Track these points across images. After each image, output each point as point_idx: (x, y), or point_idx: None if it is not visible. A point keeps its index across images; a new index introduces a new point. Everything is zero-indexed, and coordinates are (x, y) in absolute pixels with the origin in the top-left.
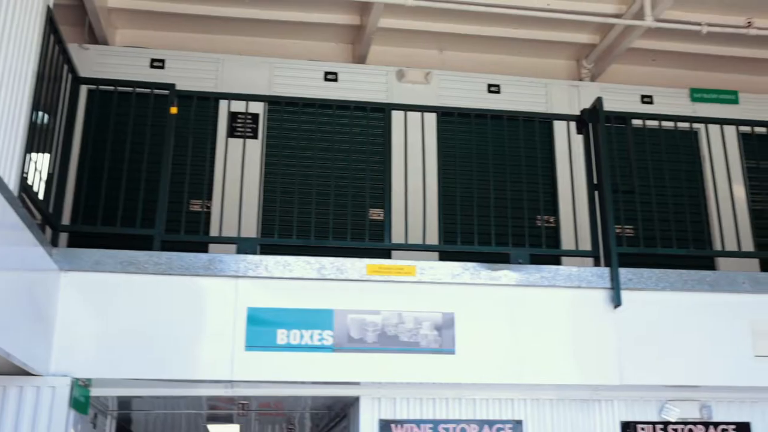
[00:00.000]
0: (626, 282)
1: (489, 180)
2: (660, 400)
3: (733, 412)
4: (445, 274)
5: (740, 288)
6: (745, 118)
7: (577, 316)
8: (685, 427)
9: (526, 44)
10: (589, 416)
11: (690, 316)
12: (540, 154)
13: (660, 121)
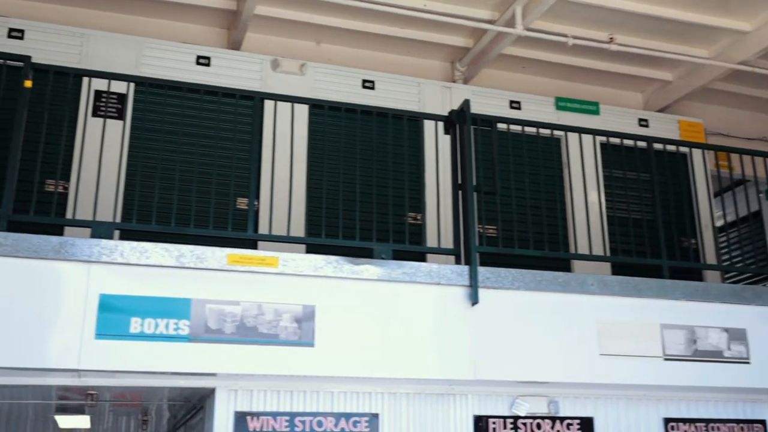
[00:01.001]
0: (484, 280)
1: (356, 175)
2: (511, 395)
3: (578, 407)
4: (308, 267)
5: (589, 289)
6: (605, 128)
7: (436, 312)
8: (533, 422)
9: (402, 43)
10: (444, 410)
11: (542, 315)
12: (409, 152)
13: (523, 127)
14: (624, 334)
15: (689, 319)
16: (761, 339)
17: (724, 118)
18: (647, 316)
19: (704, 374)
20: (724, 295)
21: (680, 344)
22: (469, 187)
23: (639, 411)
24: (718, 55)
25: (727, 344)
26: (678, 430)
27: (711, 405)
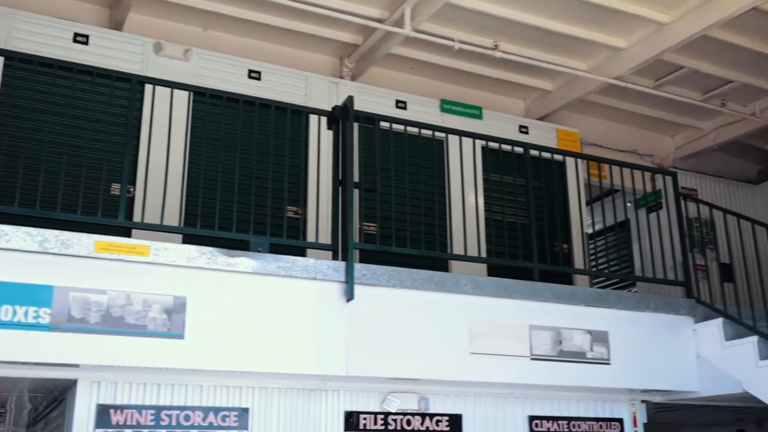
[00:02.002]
0: (360, 277)
1: (236, 165)
2: (383, 392)
3: (447, 404)
4: (180, 257)
5: (463, 289)
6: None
7: (311, 307)
8: (403, 418)
9: (291, 35)
10: (315, 405)
11: (416, 313)
12: (292, 145)
13: (406, 126)
14: (494, 334)
15: (556, 320)
16: (621, 341)
17: (599, 129)
18: (517, 316)
19: (568, 374)
20: (589, 299)
21: (547, 345)
22: (349, 184)
23: (506, 408)
24: (595, 69)
25: (590, 346)
26: (542, 427)
27: (573, 403)
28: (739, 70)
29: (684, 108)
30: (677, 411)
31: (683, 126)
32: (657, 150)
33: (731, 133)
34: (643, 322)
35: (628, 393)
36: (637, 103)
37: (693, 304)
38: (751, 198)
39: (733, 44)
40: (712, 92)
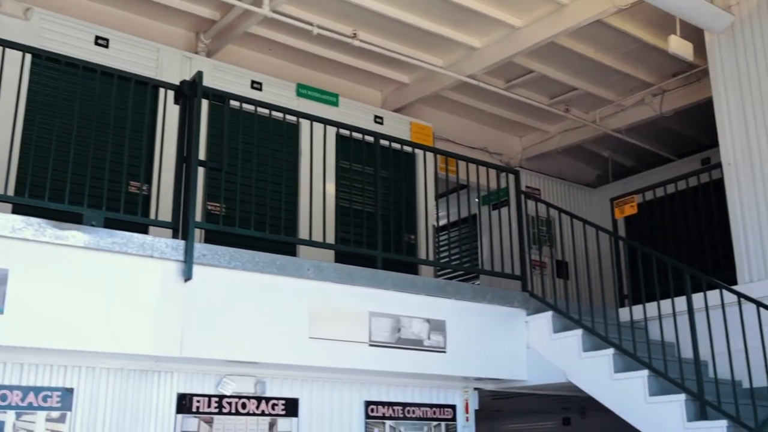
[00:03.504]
0: (200, 257)
1: (72, 135)
2: (219, 374)
3: (285, 388)
4: (4, 227)
5: (305, 274)
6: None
7: (146, 285)
8: (239, 401)
9: (145, 4)
10: (146, 387)
11: (256, 296)
12: (137, 118)
13: (256, 107)
14: (334, 320)
15: (396, 308)
16: (458, 330)
17: (452, 125)
18: (358, 303)
19: (405, 361)
20: (429, 288)
21: (386, 332)
22: (193, 161)
23: (343, 393)
24: (451, 66)
25: (427, 334)
26: (377, 412)
27: (409, 390)
28: (583, 78)
29: (532, 111)
30: (509, 399)
31: (530, 128)
32: (505, 149)
33: (574, 138)
34: (480, 313)
35: (462, 381)
36: (489, 102)
37: (526, 297)
38: (589, 200)
39: (579, 53)
40: (558, 98)
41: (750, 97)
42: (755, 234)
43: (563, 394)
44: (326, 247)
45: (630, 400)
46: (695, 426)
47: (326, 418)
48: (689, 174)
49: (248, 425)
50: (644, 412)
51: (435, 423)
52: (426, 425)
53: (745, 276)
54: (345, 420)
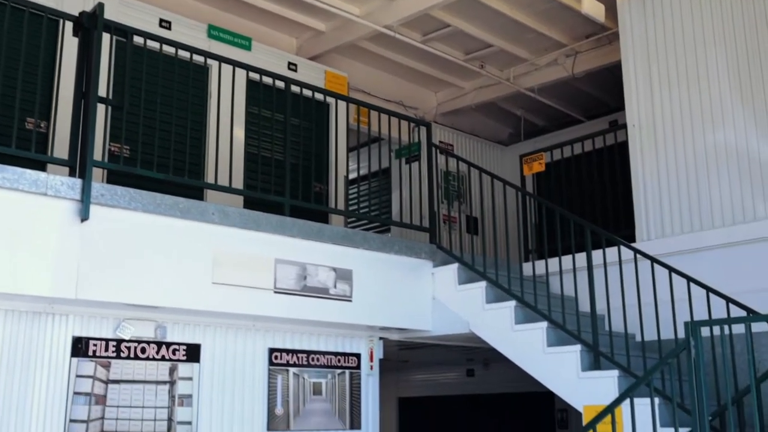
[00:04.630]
0: (98, 197)
1: None
2: (118, 318)
3: (186, 333)
4: None
5: (209, 218)
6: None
7: (40, 224)
8: (138, 346)
9: None
10: (40, 330)
11: (157, 239)
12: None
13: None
14: (238, 265)
15: (302, 256)
16: (364, 280)
17: (368, 76)
18: (263, 249)
19: (310, 309)
20: (336, 237)
21: (291, 279)
22: (92, 97)
23: (246, 340)
24: (368, 15)
25: (334, 283)
26: (281, 359)
27: (314, 338)
28: (498, 35)
29: (447, 65)
30: (415, 350)
31: (446, 83)
32: (421, 104)
33: (488, 95)
34: (387, 264)
35: (368, 330)
36: (405, 55)
37: (434, 249)
38: (501, 158)
39: (495, 9)
40: (474, 54)
41: (656, 62)
42: (654, 194)
43: (467, 345)
44: (232, 192)
45: (529, 351)
46: (589, 375)
47: (229, 364)
48: (596, 134)
49: (148, 370)
50: (542, 362)
51: (339, 371)
52: (330, 373)
53: (643, 234)
54: (248, 367)
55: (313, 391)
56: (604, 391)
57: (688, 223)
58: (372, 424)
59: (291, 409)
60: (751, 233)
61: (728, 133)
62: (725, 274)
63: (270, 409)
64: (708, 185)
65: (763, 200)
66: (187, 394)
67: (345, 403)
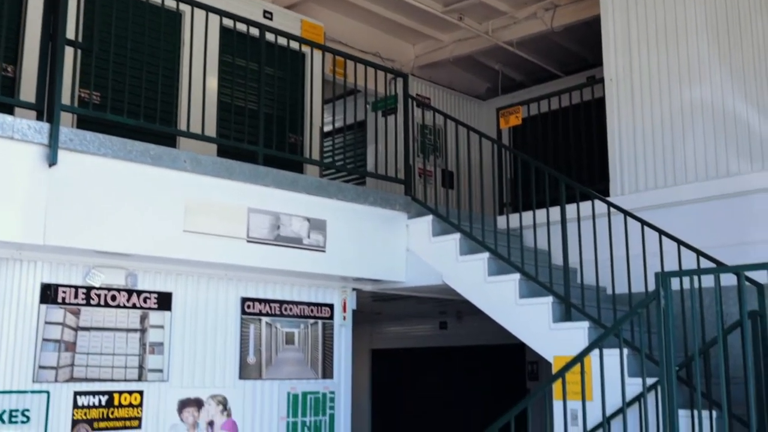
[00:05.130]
0: (66, 142)
1: None
2: (87, 265)
3: (158, 282)
4: None
5: (181, 166)
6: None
7: (6, 168)
8: (108, 293)
9: None
10: (7, 276)
11: (128, 186)
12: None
13: None
14: (211, 214)
15: (276, 206)
16: (338, 231)
17: (345, 27)
18: (236, 198)
19: (284, 259)
20: (310, 187)
21: (264, 229)
22: (60, 39)
23: (218, 289)
24: None
25: (307, 233)
26: (253, 308)
27: (287, 288)
28: None
29: (426, 17)
30: (388, 302)
31: (424, 35)
32: (398, 56)
33: (466, 48)
34: (361, 215)
35: (341, 280)
36: (383, 5)
37: (408, 200)
38: (478, 112)
39: None
40: (453, 5)
41: (635, 16)
42: (629, 149)
43: (440, 298)
44: (205, 140)
45: (502, 302)
46: (560, 326)
47: (201, 313)
48: (573, 88)
49: (118, 318)
50: (514, 313)
51: (312, 321)
52: (303, 323)
53: (617, 189)
54: (220, 316)
55: (286, 341)
56: (574, 342)
57: (662, 178)
58: (344, 375)
59: (263, 358)
60: (723, 188)
61: (705, 89)
62: (697, 228)
63: (242, 358)
64: (683, 140)
65: (737, 156)
66: (159, 342)
67: (318, 353)
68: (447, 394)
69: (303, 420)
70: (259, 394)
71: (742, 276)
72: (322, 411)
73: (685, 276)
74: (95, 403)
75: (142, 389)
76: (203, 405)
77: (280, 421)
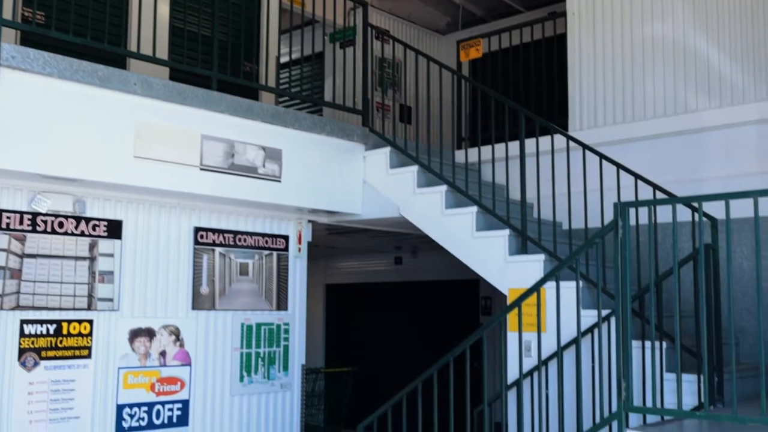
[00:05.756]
0: (8, 59)
1: None
2: (33, 191)
3: (107, 209)
4: None
5: (131, 89)
6: None
7: None
8: (55, 220)
9: None
10: None
11: (75, 108)
12: None
13: None
14: (163, 140)
15: (230, 133)
16: (294, 160)
17: None
18: (189, 124)
19: (238, 188)
20: (266, 115)
21: (218, 156)
22: None
23: (171, 218)
24: None
25: (262, 162)
26: (207, 239)
27: (242, 218)
28: None
29: None
30: (343, 235)
31: None
32: None
33: None
34: (318, 145)
35: (296, 212)
36: None
37: (366, 132)
38: (437, 46)
39: None
40: None
41: None
42: (589, 83)
43: (396, 231)
44: (156, 62)
45: (458, 235)
46: (516, 259)
47: (152, 242)
48: (534, 21)
49: (66, 245)
50: (471, 246)
51: (267, 252)
52: (257, 254)
53: (576, 124)
54: (173, 245)
55: (240, 272)
56: (530, 275)
57: (620, 114)
58: (299, 307)
59: (217, 288)
60: (681, 125)
61: (666, 25)
62: (653, 164)
63: (195, 288)
64: (642, 76)
65: (695, 93)
66: (108, 271)
67: (272, 285)
68: (401, 329)
69: (257, 351)
70: (213, 324)
71: (700, 206)
72: (276, 342)
73: (642, 206)
74: (43, 332)
75: (92, 318)
76: (155, 335)
77: (234, 351)
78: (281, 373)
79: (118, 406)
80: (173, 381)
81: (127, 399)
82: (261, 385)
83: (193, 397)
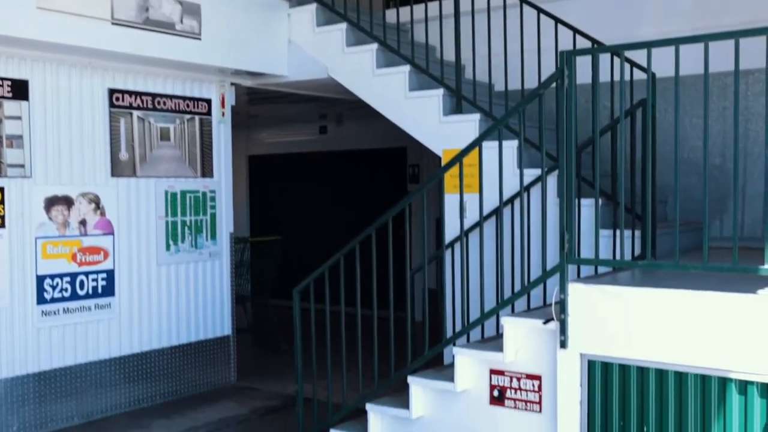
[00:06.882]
0: None
1: None
2: None
3: (10, 68)
4: None
5: None
6: None
7: None
8: None
9: None
10: None
11: None
12: None
13: None
14: None
15: None
16: (214, 17)
17: None
18: None
19: (154, 45)
20: None
21: (131, 10)
22: None
23: (82, 78)
24: None
25: (180, 17)
26: (123, 101)
27: (160, 80)
28: None
29: None
30: (266, 103)
31: None
32: None
33: None
34: (239, 1)
35: (218, 73)
36: None
37: None
38: None
39: None
40: None
41: None
42: None
43: (323, 96)
44: None
45: (391, 95)
46: (450, 119)
47: (63, 104)
48: None
49: None
50: (404, 107)
51: (189, 116)
52: (179, 118)
53: None
54: (86, 107)
55: (161, 137)
56: (464, 135)
57: None
58: (225, 174)
59: (137, 154)
60: None
61: None
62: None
63: (113, 154)
64: None
65: None
66: (17, 135)
67: (196, 150)
68: (327, 199)
69: (183, 219)
70: (134, 192)
71: (649, 52)
72: (202, 210)
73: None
74: None
75: (3, 185)
76: (73, 203)
77: (159, 220)
78: (209, 241)
79: (38, 277)
80: (96, 251)
81: (48, 269)
82: (188, 254)
83: (118, 267)
